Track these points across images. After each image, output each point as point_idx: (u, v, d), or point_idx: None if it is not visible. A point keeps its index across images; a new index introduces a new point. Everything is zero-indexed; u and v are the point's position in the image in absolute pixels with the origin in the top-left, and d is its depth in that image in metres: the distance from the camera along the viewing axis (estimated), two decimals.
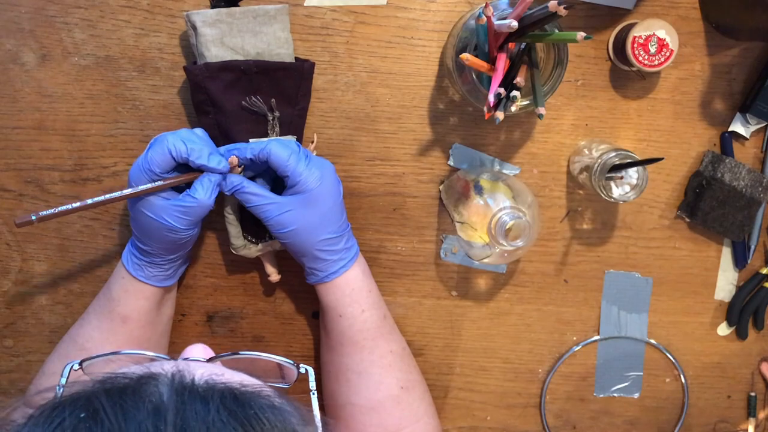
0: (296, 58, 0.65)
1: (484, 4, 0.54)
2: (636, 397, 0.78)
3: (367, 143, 0.69)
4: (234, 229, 0.66)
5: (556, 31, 0.56)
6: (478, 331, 0.75)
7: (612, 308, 0.75)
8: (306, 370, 0.45)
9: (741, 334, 0.76)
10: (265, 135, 0.64)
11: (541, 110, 0.57)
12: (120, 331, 0.62)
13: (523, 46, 0.58)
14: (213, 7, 0.61)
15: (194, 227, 0.60)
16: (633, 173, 0.65)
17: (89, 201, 0.57)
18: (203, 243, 0.71)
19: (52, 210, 0.56)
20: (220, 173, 0.59)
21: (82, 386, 0.34)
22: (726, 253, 0.75)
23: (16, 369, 0.73)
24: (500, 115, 0.57)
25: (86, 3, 0.64)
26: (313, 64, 0.65)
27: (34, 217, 0.55)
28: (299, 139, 0.66)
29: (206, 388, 0.34)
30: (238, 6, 0.61)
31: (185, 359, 0.41)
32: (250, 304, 0.73)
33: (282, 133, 0.65)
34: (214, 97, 0.62)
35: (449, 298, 0.74)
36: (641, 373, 0.77)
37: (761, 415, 0.79)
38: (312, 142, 0.68)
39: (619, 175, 0.65)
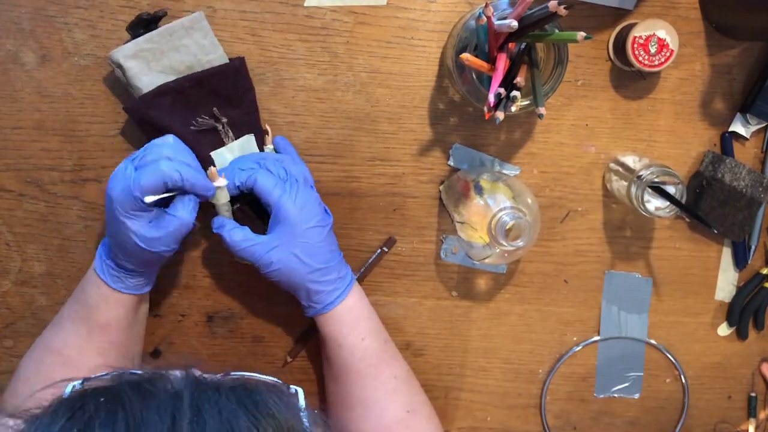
0: (230, 59, 0.64)
1: (484, 5, 0.54)
2: (636, 397, 0.78)
3: (367, 143, 0.69)
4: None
5: (557, 31, 0.56)
6: (478, 331, 0.75)
7: (612, 308, 0.75)
8: (296, 390, 0.44)
9: (741, 334, 0.76)
10: (222, 144, 0.65)
11: (542, 110, 0.57)
12: (98, 338, 0.62)
13: (523, 46, 0.58)
14: (133, 37, 0.61)
15: (177, 245, 0.59)
16: (670, 189, 0.64)
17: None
18: (202, 244, 0.71)
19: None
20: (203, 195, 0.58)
21: (97, 383, 0.36)
22: (726, 254, 0.75)
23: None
24: (500, 115, 0.57)
25: (86, 3, 0.64)
26: (243, 59, 0.64)
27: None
28: (257, 135, 0.66)
29: (216, 380, 0.37)
30: (156, 28, 0.61)
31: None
32: (250, 305, 0.73)
33: (237, 136, 0.65)
34: (160, 125, 0.62)
35: (449, 299, 0.74)
36: (641, 374, 0.77)
37: (761, 415, 0.78)
38: (267, 134, 0.67)
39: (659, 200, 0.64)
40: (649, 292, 0.75)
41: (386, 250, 0.71)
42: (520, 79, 0.57)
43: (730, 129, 0.71)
